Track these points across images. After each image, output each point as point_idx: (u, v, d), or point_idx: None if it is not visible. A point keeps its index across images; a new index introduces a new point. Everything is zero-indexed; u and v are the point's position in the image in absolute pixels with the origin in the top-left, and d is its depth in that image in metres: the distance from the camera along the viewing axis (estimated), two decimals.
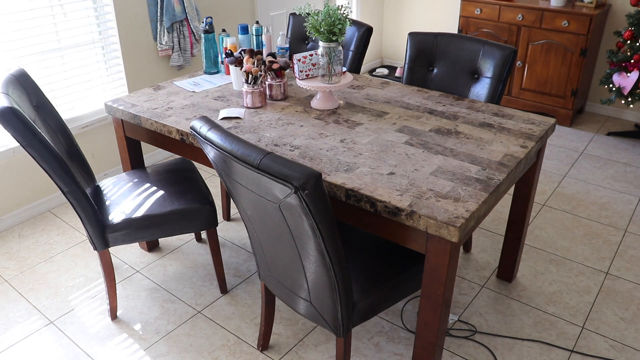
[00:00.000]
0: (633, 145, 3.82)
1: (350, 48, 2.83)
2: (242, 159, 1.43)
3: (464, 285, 2.46)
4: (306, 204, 1.35)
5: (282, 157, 1.38)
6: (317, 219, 1.39)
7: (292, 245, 1.56)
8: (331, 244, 1.46)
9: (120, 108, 2.26)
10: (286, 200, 1.39)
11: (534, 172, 2.16)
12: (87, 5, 2.98)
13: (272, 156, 1.38)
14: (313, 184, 1.33)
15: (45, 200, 3.04)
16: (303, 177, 1.32)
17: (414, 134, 1.99)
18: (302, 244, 1.52)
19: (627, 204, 3.09)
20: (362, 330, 2.20)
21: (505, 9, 4.05)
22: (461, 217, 1.49)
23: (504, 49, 2.38)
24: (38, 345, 2.14)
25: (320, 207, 1.38)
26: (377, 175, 1.70)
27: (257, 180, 1.43)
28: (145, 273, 2.54)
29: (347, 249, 1.90)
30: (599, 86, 4.29)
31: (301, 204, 1.36)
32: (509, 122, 2.08)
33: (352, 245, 1.92)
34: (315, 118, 2.13)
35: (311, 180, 1.33)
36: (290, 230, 1.51)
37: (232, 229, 2.87)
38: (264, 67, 2.24)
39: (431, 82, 2.62)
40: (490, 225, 2.91)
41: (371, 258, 1.85)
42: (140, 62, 3.31)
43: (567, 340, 2.16)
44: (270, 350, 2.10)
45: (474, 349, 2.11)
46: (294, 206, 1.39)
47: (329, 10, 2.02)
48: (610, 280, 2.49)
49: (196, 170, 2.46)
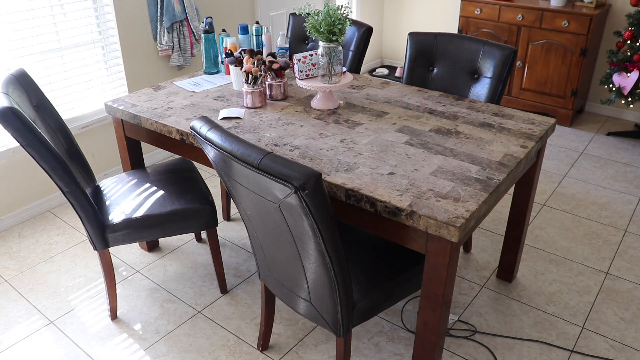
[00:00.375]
0: (633, 145, 3.82)
1: (350, 48, 2.83)
2: (242, 159, 1.43)
3: (464, 285, 2.46)
4: (306, 204, 1.35)
5: (282, 157, 1.38)
6: (317, 219, 1.39)
7: (292, 245, 1.56)
8: (331, 244, 1.46)
9: (120, 108, 2.26)
10: (286, 200, 1.39)
11: (534, 172, 2.16)
12: (87, 5, 2.98)
13: (272, 156, 1.38)
14: (313, 184, 1.33)
15: (45, 200, 3.04)
16: (303, 177, 1.32)
17: (414, 134, 1.99)
18: (302, 244, 1.52)
19: (627, 204, 3.09)
20: (362, 330, 2.20)
21: (505, 9, 4.05)
22: (461, 217, 1.49)
23: (504, 49, 2.38)
24: (38, 345, 2.14)
25: (320, 207, 1.38)
26: (377, 175, 1.70)
27: (257, 180, 1.43)
28: (145, 273, 2.54)
29: (347, 249, 1.90)
30: (599, 86, 4.29)
31: (301, 204, 1.36)
32: (509, 122, 2.08)
33: (352, 245, 1.92)
34: (315, 118, 2.13)
35: (311, 180, 1.33)
36: (290, 230, 1.51)
37: (232, 229, 2.87)
38: (264, 67, 2.24)
39: (431, 82, 2.62)
40: (490, 225, 2.91)
41: (371, 258, 1.85)
42: (140, 62, 3.31)
43: (567, 340, 2.16)
44: (270, 350, 2.11)
45: (474, 349, 2.11)
46: (294, 206, 1.39)
47: (329, 10, 2.02)
48: (610, 280, 2.49)
49: (196, 170, 2.46)
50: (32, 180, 2.96)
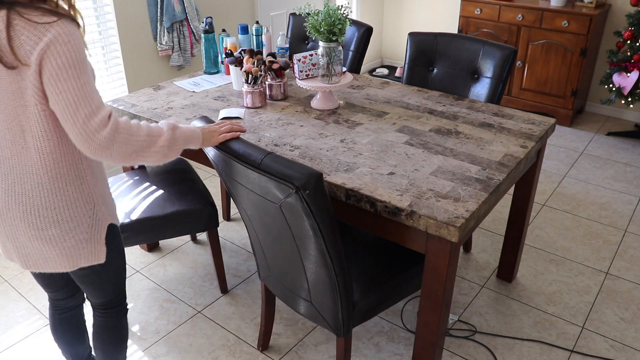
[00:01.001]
0: (633, 145, 3.82)
1: (350, 48, 2.83)
2: (243, 159, 1.43)
3: (464, 285, 2.46)
4: (307, 204, 1.35)
5: (283, 157, 1.38)
6: (318, 219, 1.39)
7: (293, 245, 1.56)
8: (332, 244, 1.46)
9: (120, 108, 2.26)
10: (287, 200, 1.39)
11: (534, 172, 2.17)
12: (87, 5, 2.98)
13: (273, 156, 1.38)
14: (314, 184, 1.33)
15: None
16: (304, 177, 1.32)
17: (414, 134, 1.99)
18: (303, 244, 1.52)
19: (627, 204, 3.09)
20: (362, 330, 2.20)
21: (505, 9, 4.05)
22: (461, 217, 1.49)
23: (504, 49, 2.38)
24: (38, 345, 2.14)
25: (321, 207, 1.38)
26: (377, 175, 1.70)
27: (258, 180, 1.43)
28: (145, 273, 2.54)
29: (347, 249, 1.90)
30: (599, 86, 4.29)
31: (302, 204, 1.36)
32: (509, 122, 2.08)
33: (352, 245, 1.92)
34: (315, 118, 2.13)
35: (312, 180, 1.33)
36: (290, 230, 1.51)
37: (232, 229, 2.87)
38: (264, 67, 2.24)
39: (431, 82, 2.62)
40: (490, 225, 2.91)
41: (371, 258, 1.85)
42: (140, 62, 3.31)
43: (567, 340, 2.16)
44: (270, 350, 2.11)
45: (474, 349, 2.11)
46: (294, 206, 1.39)
47: (329, 10, 2.02)
48: (610, 280, 2.49)
49: (193, 170, 2.46)
50: None
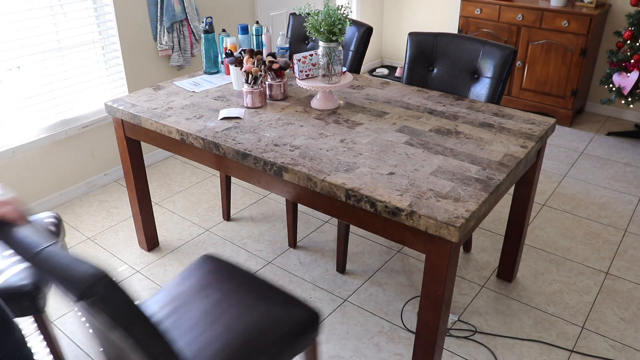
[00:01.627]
0: (633, 145, 3.82)
1: (350, 48, 2.83)
2: (15, 247, 1.15)
3: (464, 285, 2.46)
4: (99, 312, 1.04)
5: (63, 251, 1.11)
6: (125, 327, 1.07)
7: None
8: (149, 342, 1.12)
9: (120, 108, 2.26)
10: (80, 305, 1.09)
11: (534, 172, 2.16)
12: (87, 5, 2.98)
13: (53, 249, 1.08)
14: (102, 288, 1.04)
15: (45, 200, 3.04)
16: (86, 280, 1.03)
17: (414, 134, 1.99)
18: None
19: (627, 204, 3.09)
20: (362, 330, 2.20)
21: (505, 9, 4.05)
22: (461, 217, 1.49)
23: (504, 49, 2.38)
24: (38, 345, 2.14)
25: (121, 312, 1.08)
26: (377, 175, 1.70)
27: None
28: (145, 273, 2.54)
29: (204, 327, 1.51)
30: (599, 86, 4.29)
31: (94, 314, 1.06)
32: (509, 122, 2.08)
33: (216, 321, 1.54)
34: (315, 118, 2.13)
35: (98, 283, 1.04)
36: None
37: (232, 229, 2.87)
38: (264, 67, 2.24)
39: (431, 82, 2.62)
40: (490, 225, 2.91)
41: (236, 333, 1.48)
42: (140, 62, 3.31)
43: (567, 340, 2.16)
44: None
45: (474, 349, 2.11)
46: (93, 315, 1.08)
47: (329, 10, 2.02)
48: (610, 280, 2.49)
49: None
50: (31, 180, 2.96)
